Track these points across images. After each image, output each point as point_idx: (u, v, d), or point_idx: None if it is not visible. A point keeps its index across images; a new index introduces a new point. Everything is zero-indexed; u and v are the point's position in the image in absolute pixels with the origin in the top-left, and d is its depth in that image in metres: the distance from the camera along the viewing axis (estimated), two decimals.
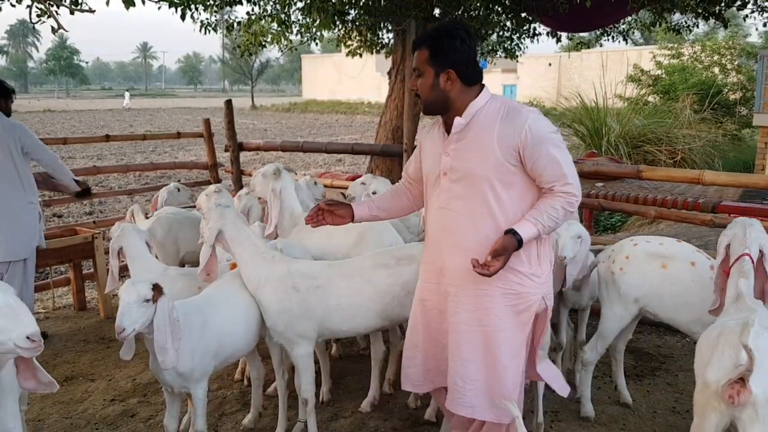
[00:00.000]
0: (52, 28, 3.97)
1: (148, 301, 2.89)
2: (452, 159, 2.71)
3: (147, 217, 5.40)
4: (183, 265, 5.10)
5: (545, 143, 2.56)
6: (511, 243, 2.54)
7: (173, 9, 4.64)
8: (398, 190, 3.21)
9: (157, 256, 4.79)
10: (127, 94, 56.69)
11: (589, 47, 12.44)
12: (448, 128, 2.76)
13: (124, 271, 4.46)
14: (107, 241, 4.80)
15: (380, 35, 7.89)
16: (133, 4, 3.87)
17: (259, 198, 4.96)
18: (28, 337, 2.25)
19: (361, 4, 6.78)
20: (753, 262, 2.95)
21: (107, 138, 7.10)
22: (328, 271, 3.54)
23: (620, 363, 4.15)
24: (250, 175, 5.87)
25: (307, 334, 3.46)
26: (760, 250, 2.98)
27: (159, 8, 4.30)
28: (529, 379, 3.00)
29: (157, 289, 2.94)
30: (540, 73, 40.25)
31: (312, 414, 3.58)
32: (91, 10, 4.14)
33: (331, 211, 3.11)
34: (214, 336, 3.28)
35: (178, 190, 6.02)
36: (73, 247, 5.69)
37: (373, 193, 4.71)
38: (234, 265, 3.66)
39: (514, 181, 2.64)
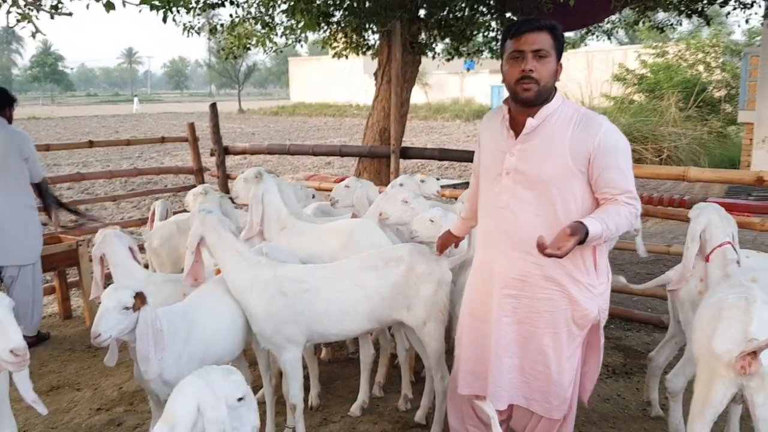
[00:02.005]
0: (32, 32, 3.91)
1: (128, 308, 2.84)
2: (518, 160, 2.65)
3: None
4: None
5: (616, 154, 2.55)
6: (581, 230, 2.43)
7: (155, 12, 4.60)
8: (474, 193, 3.13)
9: (147, 265, 4.76)
10: (136, 99, 56.97)
11: (574, 47, 12.49)
12: (514, 125, 2.70)
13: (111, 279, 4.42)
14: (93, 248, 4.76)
15: (366, 36, 7.86)
16: (113, 7, 3.83)
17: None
18: (12, 351, 2.21)
19: (346, 5, 6.76)
20: (735, 248, 3.13)
21: (91, 144, 7.04)
22: (315, 275, 3.51)
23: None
24: (236, 179, 5.82)
25: (295, 338, 3.43)
26: (732, 234, 3.20)
27: (140, 11, 4.26)
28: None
29: (139, 298, 2.89)
30: None
31: (300, 419, 3.55)
32: (69, 14, 4.09)
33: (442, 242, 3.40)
34: (200, 342, 3.24)
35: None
36: (58, 255, 5.63)
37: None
38: (219, 270, 3.63)
39: (578, 188, 2.61)
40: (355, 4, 6.69)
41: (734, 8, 7.40)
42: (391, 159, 6.36)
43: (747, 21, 7.66)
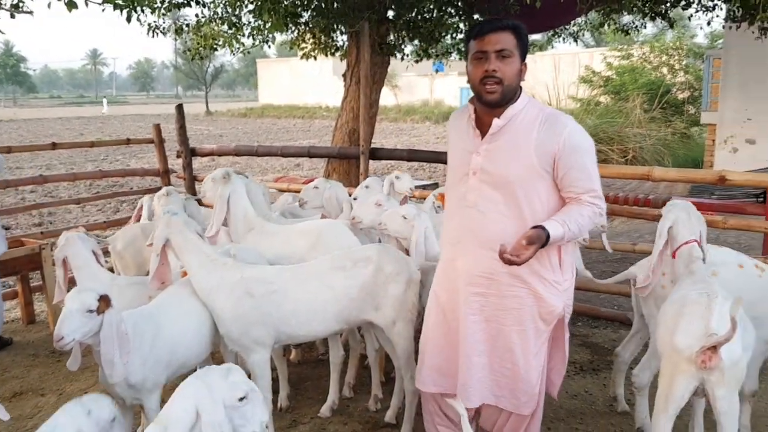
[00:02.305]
0: None
1: (92, 311, 2.80)
2: (484, 160, 2.67)
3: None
4: None
5: (581, 153, 2.57)
6: (540, 236, 2.49)
7: (119, 11, 4.53)
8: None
9: (111, 269, 4.68)
10: (105, 100, 56.19)
11: (541, 50, 12.61)
12: (480, 125, 2.71)
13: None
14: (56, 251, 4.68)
15: (334, 37, 7.85)
16: (76, 6, 3.76)
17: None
18: None
19: (314, 6, 6.74)
20: (701, 246, 3.19)
21: (54, 146, 6.91)
22: (283, 276, 3.49)
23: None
24: (203, 180, 5.77)
25: (263, 340, 3.40)
26: (699, 233, 3.24)
27: (103, 10, 4.19)
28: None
29: (104, 301, 2.85)
30: None
31: (270, 421, 3.52)
32: (30, 12, 4.01)
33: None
34: (166, 346, 3.20)
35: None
36: (20, 258, 5.52)
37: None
38: (185, 273, 3.58)
39: (544, 187, 2.63)
40: (323, 5, 6.67)
41: (696, 11, 7.54)
42: (361, 160, 6.36)
43: (709, 23, 7.83)
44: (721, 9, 7.69)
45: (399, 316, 3.47)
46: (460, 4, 7.43)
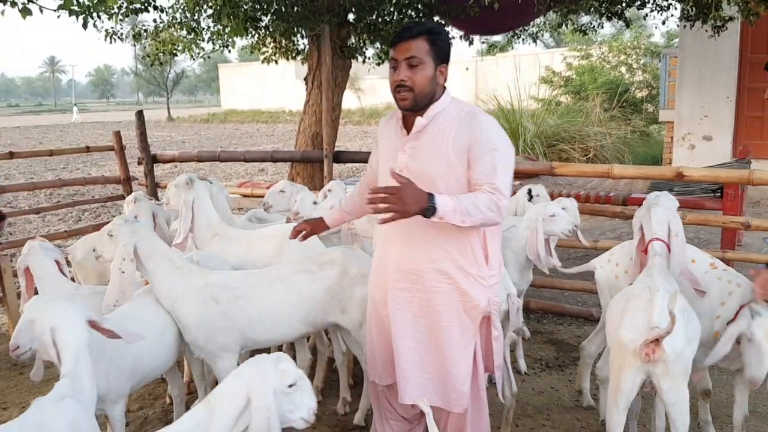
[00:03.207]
0: None
1: None
2: (409, 157, 2.73)
3: None
4: None
5: (491, 149, 2.58)
6: (420, 195, 2.40)
7: (74, 18, 4.46)
8: (363, 190, 3.17)
9: (74, 279, 4.60)
10: (75, 108, 55.17)
11: (502, 51, 12.72)
12: (406, 125, 2.79)
13: None
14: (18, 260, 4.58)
15: (295, 41, 7.83)
16: (30, 13, 3.70)
17: None
18: None
19: (273, 9, 6.71)
20: (665, 242, 3.24)
21: (11, 155, 6.76)
22: (248, 281, 3.47)
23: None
24: (166, 187, 5.70)
25: (229, 346, 3.38)
26: (668, 226, 3.29)
27: (59, 16, 4.13)
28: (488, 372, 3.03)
29: None
30: (458, 77, 40.89)
31: None
32: None
33: (309, 230, 3.25)
34: (129, 356, 3.15)
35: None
36: None
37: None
38: (148, 282, 3.53)
39: (464, 183, 2.65)
40: (282, 9, 6.65)
41: (652, 10, 7.69)
42: (325, 163, 6.35)
43: (664, 23, 8.02)
44: (676, 8, 7.86)
45: (365, 318, 3.46)
46: (420, 6, 7.47)
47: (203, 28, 6.91)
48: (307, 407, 2.27)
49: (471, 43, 9.22)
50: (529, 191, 4.99)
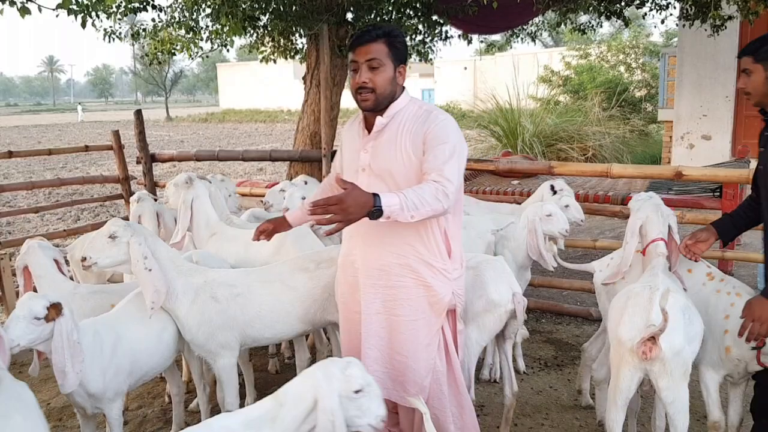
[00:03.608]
0: None
1: (39, 319, 2.75)
2: (371, 156, 2.78)
3: None
4: None
5: (442, 141, 2.62)
6: (365, 200, 2.37)
7: (73, 17, 4.45)
8: (328, 186, 3.24)
9: (72, 278, 4.59)
10: (79, 107, 55.36)
11: (501, 50, 12.72)
12: (368, 125, 2.84)
13: None
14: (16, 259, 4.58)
15: (293, 40, 7.81)
16: (29, 12, 3.69)
17: None
18: None
19: (272, 9, 6.70)
20: (666, 243, 3.20)
21: (10, 154, 6.76)
22: (246, 279, 3.47)
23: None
24: (164, 186, 5.70)
25: (229, 344, 3.38)
26: (669, 225, 3.26)
27: (57, 15, 4.12)
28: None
29: (54, 308, 2.79)
30: (456, 77, 40.96)
31: None
32: None
33: (272, 229, 3.24)
34: (127, 354, 3.16)
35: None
36: None
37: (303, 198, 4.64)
38: None
39: (422, 178, 2.67)
40: (281, 8, 6.63)
41: (651, 9, 7.69)
42: (323, 163, 6.35)
43: (663, 21, 7.99)
44: (675, 8, 7.86)
45: None
46: (418, 5, 7.46)
47: (202, 28, 6.89)
48: (375, 414, 2.26)
49: (470, 42, 9.21)
50: (552, 186, 4.97)
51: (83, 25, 4.67)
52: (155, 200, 5.01)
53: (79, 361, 2.87)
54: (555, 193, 4.92)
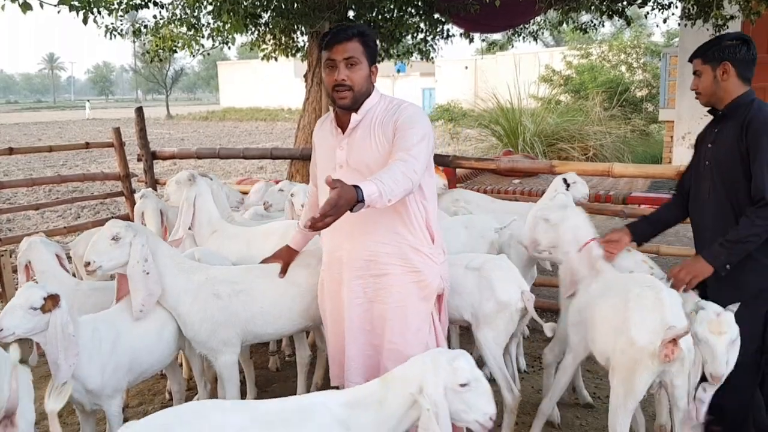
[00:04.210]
0: None
1: (35, 309, 2.75)
2: (346, 152, 2.84)
3: None
4: None
5: (411, 128, 2.69)
6: (351, 195, 2.37)
7: (74, 13, 4.45)
8: (314, 201, 3.22)
9: (74, 274, 4.60)
10: (87, 104, 55.62)
11: (502, 50, 12.71)
12: (340, 123, 2.91)
13: None
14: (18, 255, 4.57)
15: (295, 38, 7.82)
16: (30, 8, 3.68)
17: None
18: None
19: (273, 6, 6.70)
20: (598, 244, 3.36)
21: (11, 151, 6.75)
22: (248, 275, 3.47)
23: None
24: (165, 184, 5.69)
25: (231, 341, 3.38)
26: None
27: (59, 11, 4.12)
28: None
29: (51, 300, 2.80)
30: (457, 76, 40.93)
31: None
32: None
33: (283, 264, 3.42)
34: (127, 351, 3.15)
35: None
36: None
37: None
38: None
39: None
40: (282, 6, 6.64)
41: (652, 8, 7.68)
42: None
43: (665, 21, 7.98)
44: (677, 7, 7.85)
45: None
46: (420, 3, 7.47)
47: (203, 25, 6.90)
48: (483, 411, 2.23)
49: (471, 40, 9.21)
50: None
51: (85, 21, 4.66)
52: (161, 198, 5.01)
53: (73, 354, 2.85)
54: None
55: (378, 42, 2.90)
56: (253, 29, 7.33)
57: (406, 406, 2.19)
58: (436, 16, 7.84)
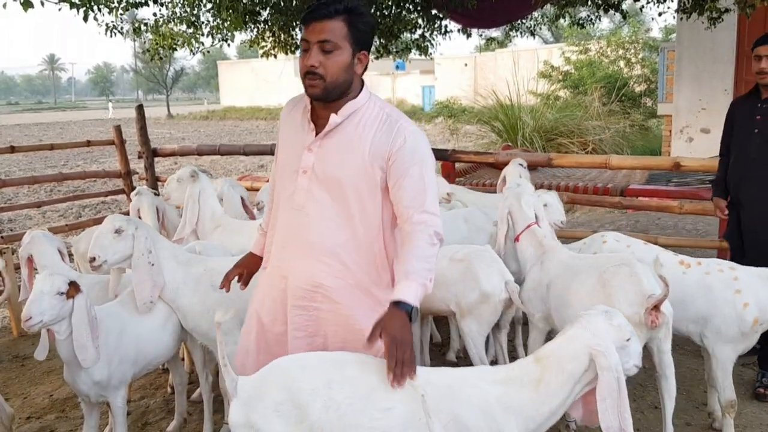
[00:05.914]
0: None
1: (62, 294, 2.81)
2: (316, 157, 2.38)
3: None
4: None
5: (418, 163, 2.32)
6: (404, 320, 2.14)
7: (75, 11, 4.49)
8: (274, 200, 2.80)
9: (76, 269, 4.64)
10: (110, 104, 56.82)
11: (501, 46, 12.74)
12: (315, 117, 2.42)
13: None
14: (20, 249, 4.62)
15: (294, 35, 7.84)
16: (32, 6, 3.73)
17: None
18: None
19: (272, 3, 6.73)
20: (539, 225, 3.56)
21: (12, 149, 6.81)
22: None
23: None
24: (166, 182, 5.72)
25: (231, 331, 3.41)
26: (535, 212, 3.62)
27: (59, 9, 4.16)
28: None
29: (73, 286, 2.87)
30: (457, 73, 40.92)
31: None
32: None
33: (246, 273, 2.83)
34: (132, 343, 3.20)
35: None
36: None
37: None
38: None
39: (377, 192, 2.38)
40: (281, 3, 6.67)
41: (648, 2, 7.70)
42: None
43: (660, 14, 7.99)
44: (672, 0, 7.87)
45: None
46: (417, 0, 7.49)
47: (203, 23, 6.93)
48: (638, 352, 2.25)
49: (469, 36, 9.23)
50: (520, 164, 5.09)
51: (85, 19, 4.71)
52: (156, 195, 5.05)
53: (97, 336, 2.94)
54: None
55: (374, 25, 2.46)
56: (253, 26, 7.36)
57: (571, 383, 2.15)
58: (434, 11, 7.86)
